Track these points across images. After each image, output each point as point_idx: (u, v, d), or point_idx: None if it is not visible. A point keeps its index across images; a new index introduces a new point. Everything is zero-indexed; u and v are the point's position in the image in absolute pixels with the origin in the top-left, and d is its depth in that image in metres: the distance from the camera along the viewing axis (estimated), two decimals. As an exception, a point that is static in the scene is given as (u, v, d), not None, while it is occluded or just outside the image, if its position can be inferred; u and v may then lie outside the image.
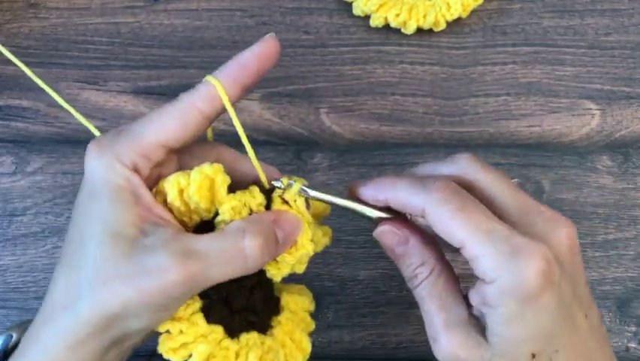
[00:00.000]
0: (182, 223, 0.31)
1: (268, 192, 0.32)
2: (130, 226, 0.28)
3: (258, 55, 0.31)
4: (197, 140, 0.32)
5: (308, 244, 0.32)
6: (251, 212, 0.31)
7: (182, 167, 0.32)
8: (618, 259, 0.46)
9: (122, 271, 0.27)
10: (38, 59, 0.49)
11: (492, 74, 0.49)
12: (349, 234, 0.47)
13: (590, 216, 0.47)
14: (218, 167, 0.30)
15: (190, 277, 0.27)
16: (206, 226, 0.32)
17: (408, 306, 0.46)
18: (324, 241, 0.34)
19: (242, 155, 0.33)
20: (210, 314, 0.32)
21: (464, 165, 0.32)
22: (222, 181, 0.30)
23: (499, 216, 0.30)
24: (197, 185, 0.30)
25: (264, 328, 0.34)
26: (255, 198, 0.31)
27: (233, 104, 0.31)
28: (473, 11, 0.49)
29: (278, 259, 0.32)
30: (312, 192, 0.32)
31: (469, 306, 0.31)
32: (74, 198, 0.45)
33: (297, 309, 0.35)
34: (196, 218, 0.32)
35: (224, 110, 0.31)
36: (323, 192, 0.33)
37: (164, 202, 0.31)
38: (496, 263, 0.28)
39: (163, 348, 0.30)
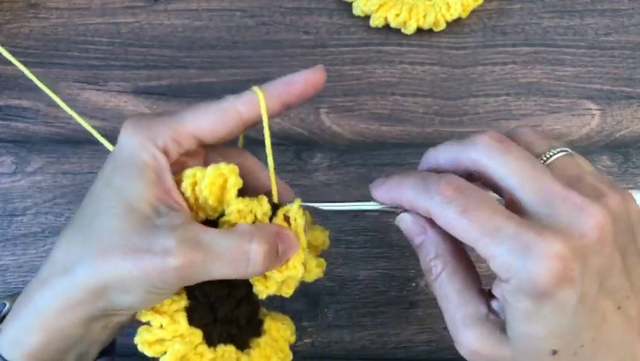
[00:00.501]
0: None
1: (275, 206, 0.33)
2: (145, 202, 0.29)
3: (304, 80, 0.32)
4: (228, 141, 0.33)
5: (299, 266, 0.32)
6: (255, 220, 0.32)
7: (208, 163, 0.33)
8: (618, 259, 0.46)
9: (127, 246, 0.28)
10: (38, 59, 0.49)
11: (492, 74, 0.49)
12: (349, 234, 0.47)
13: (590, 216, 0.47)
14: (233, 168, 0.31)
15: (190, 266, 0.28)
16: (209, 225, 0.32)
17: (408, 306, 0.46)
18: (317, 271, 0.34)
19: (264, 167, 0.34)
20: (193, 316, 0.32)
21: (481, 150, 0.29)
22: (234, 183, 0.31)
23: (517, 208, 0.28)
24: (210, 180, 0.30)
25: (242, 345, 0.34)
26: (261, 207, 0.32)
27: (270, 118, 0.32)
28: (473, 11, 0.49)
29: (267, 274, 0.32)
30: (323, 206, 0.33)
31: (489, 301, 0.30)
32: (74, 198, 0.45)
33: (278, 337, 0.35)
34: (201, 215, 0.32)
35: (260, 120, 0.32)
36: (330, 203, 0.34)
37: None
38: (507, 264, 0.27)
39: (139, 339, 0.30)
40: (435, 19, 0.47)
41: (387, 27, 0.48)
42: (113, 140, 0.32)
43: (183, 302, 0.31)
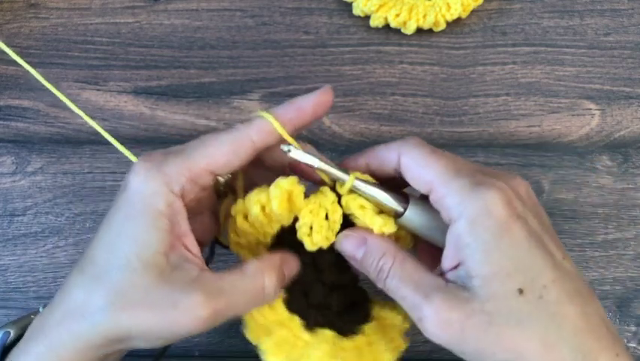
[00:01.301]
0: (264, 233, 0.34)
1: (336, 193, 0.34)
2: (161, 255, 0.29)
3: (315, 103, 0.33)
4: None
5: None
6: (327, 215, 0.33)
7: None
8: (618, 259, 0.46)
9: (150, 301, 0.29)
10: (38, 59, 0.49)
11: (492, 74, 0.49)
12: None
13: (589, 216, 0.47)
14: (293, 180, 0.32)
15: (216, 313, 0.29)
16: (285, 233, 0.34)
17: (408, 306, 0.46)
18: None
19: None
20: (289, 305, 0.34)
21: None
22: (299, 191, 0.32)
23: None
24: (278, 201, 0.31)
25: (343, 330, 0.34)
26: (327, 197, 0.33)
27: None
28: (473, 11, 0.49)
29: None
30: (298, 154, 0.32)
31: (444, 276, 0.31)
32: (74, 198, 0.45)
33: (386, 324, 0.35)
34: (277, 226, 0.34)
35: (274, 144, 0.32)
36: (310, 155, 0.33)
37: (245, 218, 0.33)
38: (461, 197, 0.29)
39: (248, 329, 0.32)
40: (435, 19, 0.47)
41: (387, 27, 0.48)
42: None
43: (281, 294, 0.33)
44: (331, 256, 0.35)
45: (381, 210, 0.33)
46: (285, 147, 0.31)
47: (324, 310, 0.35)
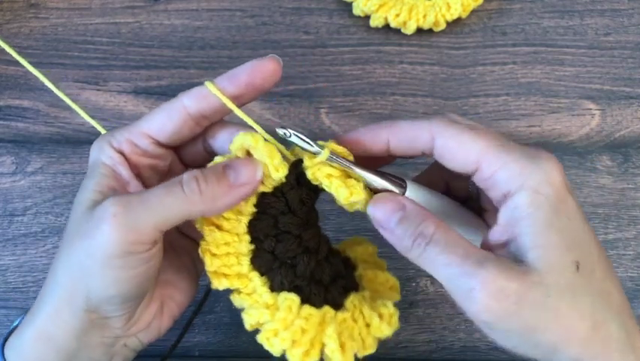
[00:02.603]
0: (238, 220, 0.32)
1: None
2: (94, 192, 0.31)
3: (249, 71, 0.32)
4: (188, 139, 0.33)
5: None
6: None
7: (178, 164, 0.35)
8: (618, 259, 0.46)
9: (82, 228, 0.30)
10: (38, 59, 0.49)
11: (492, 74, 0.49)
12: (349, 234, 0.47)
13: (589, 216, 0.47)
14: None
15: (127, 205, 0.29)
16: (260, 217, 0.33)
17: (408, 306, 0.46)
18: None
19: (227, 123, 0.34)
20: (313, 302, 0.32)
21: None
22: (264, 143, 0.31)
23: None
24: (242, 138, 0.30)
25: (355, 286, 0.34)
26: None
27: (226, 114, 0.32)
28: (473, 11, 0.49)
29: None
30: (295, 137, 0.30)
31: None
32: (74, 198, 0.45)
33: (366, 257, 0.36)
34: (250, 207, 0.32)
35: (212, 114, 0.32)
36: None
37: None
38: (521, 167, 0.28)
39: (261, 338, 0.31)
40: (435, 19, 0.47)
41: (387, 27, 0.48)
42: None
43: (296, 300, 0.32)
44: (317, 231, 0.34)
45: (352, 177, 0.31)
46: (280, 131, 0.30)
47: (337, 281, 0.33)
